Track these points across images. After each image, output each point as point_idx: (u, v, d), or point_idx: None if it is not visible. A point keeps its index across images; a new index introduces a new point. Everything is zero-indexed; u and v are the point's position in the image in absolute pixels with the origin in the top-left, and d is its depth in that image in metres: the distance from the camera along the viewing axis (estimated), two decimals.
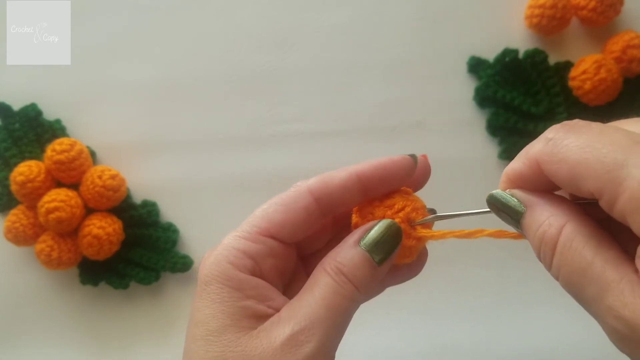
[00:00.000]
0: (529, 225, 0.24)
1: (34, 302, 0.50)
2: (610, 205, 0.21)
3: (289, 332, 0.25)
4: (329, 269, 0.27)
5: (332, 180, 0.28)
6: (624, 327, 0.21)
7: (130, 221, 0.49)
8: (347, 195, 0.28)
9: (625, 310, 0.20)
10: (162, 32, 0.51)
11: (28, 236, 0.47)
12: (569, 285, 0.22)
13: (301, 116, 0.50)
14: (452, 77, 0.50)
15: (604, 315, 0.21)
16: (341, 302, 0.26)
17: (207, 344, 0.25)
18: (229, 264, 0.26)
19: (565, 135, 0.23)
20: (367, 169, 0.28)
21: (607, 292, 0.21)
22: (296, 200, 0.28)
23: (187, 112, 0.50)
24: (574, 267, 0.22)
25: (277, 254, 0.28)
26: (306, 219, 0.28)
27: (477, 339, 0.49)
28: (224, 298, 0.26)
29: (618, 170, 0.21)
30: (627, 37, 0.47)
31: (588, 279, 0.22)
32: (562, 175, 0.23)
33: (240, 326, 0.26)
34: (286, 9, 0.51)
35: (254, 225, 0.28)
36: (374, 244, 0.27)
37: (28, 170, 0.46)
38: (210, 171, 0.50)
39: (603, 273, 0.21)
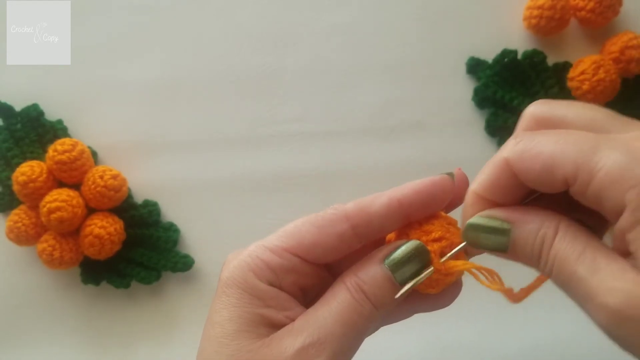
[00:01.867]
0: (523, 237, 0.25)
1: (36, 301, 0.51)
2: (584, 186, 0.23)
3: (300, 344, 0.25)
4: (349, 285, 0.26)
5: (371, 207, 0.27)
6: (618, 300, 0.21)
7: (132, 221, 0.49)
8: (387, 224, 0.27)
9: (617, 282, 0.21)
10: (162, 32, 0.51)
11: (30, 236, 0.48)
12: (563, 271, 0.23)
13: (301, 116, 0.50)
14: (452, 78, 0.50)
15: (595, 292, 0.22)
16: (357, 320, 0.26)
17: (220, 345, 0.26)
18: (250, 272, 0.27)
19: (533, 137, 0.24)
20: (408, 194, 0.27)
21: (598, 270, 0.22)
22: (332, 225, 0.27)
23: (187, 112, 0.51)
24: (569, 252, 0.23)
25: (301, 272, 0.28)
26: (338, 245, 0.27)
27: (477, 338, 0.49)
28: (244, 303, 0.26)
29: (593, 153, 0.22)
30: (625, 38, 0.47)
31: (581, 260, 0.23)
32: (535, 168, 0.24)
33: (256, 332, 0.26)
34: (286, 9, 0.51)
35: (282, 241, 0.27)
36: (399, 264, 0.26)
37: (30, 171, 0.47)
38: (211, 171, 0.50)
39: (594, 256, 0.23)
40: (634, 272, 0.22)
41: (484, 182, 0.26)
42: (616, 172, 0.22)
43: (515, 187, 0.25)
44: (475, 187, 0.26)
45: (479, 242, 0.26)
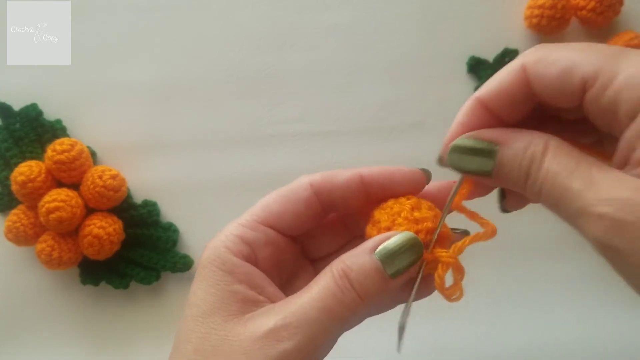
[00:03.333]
0: (510, 157, 0.24)
1: (35, 302, 0.50)
2: (602, 89, 0.22)
3: (272, 324, 0.25)
4: (334, 271, 0.25)
5: (335, 177, 0.28)
6: (615, 208, 0.21)
7: (131, 221, 0.49)
8: (349, 195, 0.28)
9: (613, 191, 0.21)
10: (162, 32, 0.51)
11: (29, 236, 0.47)
12: (556, 187, 0.23)
13: (301, 116, 0.50)
14: (452, 77, 0.50)
15: (590, 204, 0.21)
16: (337, 308, 0.25)
17: (195, 324, 0.26)
18: (224, 248, 0.27)
19: (553, 46, 0.24)
20: (372, 173, 0.28)
21: (594, 182, 0.22)
22: (296, 192, 0.28)
23: (187, 112, 0.50)
24: (562, 168, 0.23)
25: (275, 244, 0.28)
26: (305, 211, 0.28)
27: (476, 338, 0.49)
28: (216, 280, 0.26)
29: (615, 58, 0.22)
30: (626, 38, 0.47)
31: (575, 175, 0.22)
32: (553, 71, 0.23)
33: (229, 310, 0.26)
34: (286, 9, 0.51)
35: (254, 214, 0.28)
36: (390, 255, 0.25)
37: (29, 170, 0.46)
38: (211, 171, 0.50)
39: (589, 169, 0.22)
40: (631, 180, 0.21)
41: (492, 87, 0.25)
42: (638, 76, 0.21)
43: (523, 99, 0.24)
44: (480, 92, 0.25)
45: (463, 166, 0.25)
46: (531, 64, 0.24)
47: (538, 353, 0.48)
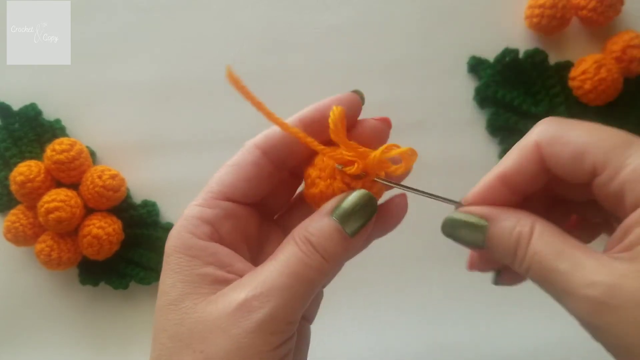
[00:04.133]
0: (498, 234, 0.26)
1: (34, 302, 0.50)
2: (610, 177, 0.24)
3: (243, 297, 0.25)
4: (297, 238, 0.26)
5: (276, 131, 0.28)
6: (599, 292, 0.22)
7: (130, 221, 0.49)
8: (294, 144, 0.28)
9: (598, 275, 0.22)
10: (162, 32, 0.51)
11: (28, 236, 0.47)
12: (543, 268, 0.24)
13: None
14: (452, 77, 0.50)
15: (577, 286, 0.23)
16: (305, 272, 0.25)
17: (168, 312, 0.26)
18: (187, 233, 0.27)
19: (564, 125, 0.25)
20: (308, 112, 0.28)
21: (579, 266, 0.23)
22: (244, 158, 0.28)
23: (187, 112, 0.50)
24: (549, 250, 0.24)
25: (235, 216, 0.28)
26: (258, 174, 0.28)
27: (475, 339, 0.49)
28: (183, 267, 0.26)
29: (625, 148, 0.23)
30: (627, 37, 0.47)
31: (562, 258, 0.23)
32: (566, 153, 0.24)
33: (200, 293, 0.26)
34: (286, 9, 0.50)
35: (209, 191, 0.28)
36: (347, 215, 0.26)
37: (28, 170, 0.46)
38: (210, 171, 0.49)
39: (574, 252, 0.24)
40: (616, 265, 0.22)
41: (511, 164, 0.26)
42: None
43: (539, 173, 0.26)
44: (501, 169, 0.26)
45: (457, 236, 0.27)
46: (545, 144, 0.25)
47: (538, 353, 0.48)
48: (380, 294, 0.49)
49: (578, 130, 0.25)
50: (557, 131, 0.25)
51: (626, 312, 0.22)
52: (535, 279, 0.25)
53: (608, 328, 0.22)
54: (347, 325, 0.48)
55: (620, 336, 0.22)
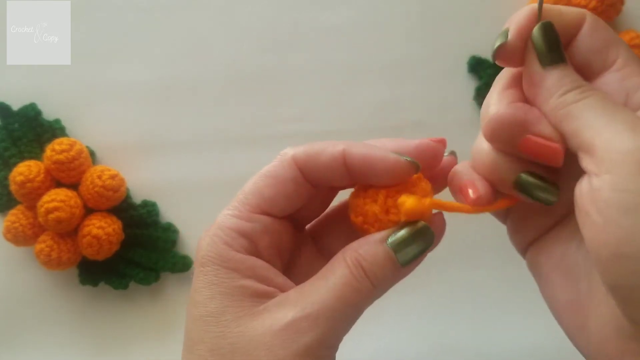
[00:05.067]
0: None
1: (33, 302, 0.50)
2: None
3: (291, 316, 0.24)
4: (348, 260, 0.25)
5: (319, 156, 0.26)
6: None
7: (130, 221, 0.49)
8: (333, 176, 0.27)
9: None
10: (162, 32, 0.51)
11: (27, 236, 0.47)
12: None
13: (301, 116, 0.50)
14: (452, 77, 0.50)
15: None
16: (353, 297, 0.25)
17: (207, 324, 0.25)
18: (224, 245, 0.26)
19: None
20: (355, 155, 0.26)
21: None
22: (284, 171, 0.27)
23: (187, 112, 0.50)
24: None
25: (272, 230, 0.27)
26: (296, 190, 0.27)
27: (475, 339, 0.49)
28: (221, 279, 0.25)
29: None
30: (627, 37, 0.47)
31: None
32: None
33: (241, 306, 0.25)
34: (286, 9, 0.50)
35: (246, 203, 0.27)
36: (402, 244, 0.25)
37: (27, 170, 0.46)
38: (210, 171, 0.50)
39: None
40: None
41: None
42: None
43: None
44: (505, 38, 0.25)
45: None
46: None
47: (538, 353, 0.48)
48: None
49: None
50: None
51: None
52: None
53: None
54: None
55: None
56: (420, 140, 0.28)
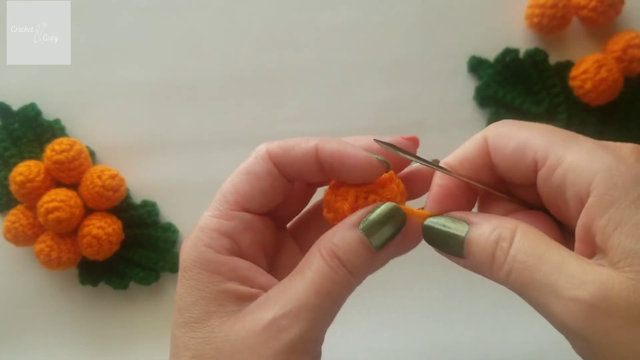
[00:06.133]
0: (478, 237, 0.24)
1: (34, 302, 0.50)
2: (551, 170, 0.23)
3: (271, 315, 0.24)
4: (323, 252, 0.25)
5: (293, 149, 0.26)
6: (589, 293, 0.20)
7: (130, 221, 0.49)
8: (306, 171, 0.27)
9: (587, 275, 0.21)
10: (162, 32, 0.51)
11: (27, 236, 0.47)
12: (526, 269, 0.22)
13: (300, 116, 0.50)
14: (453, 77, 0.50)
15: (562, 288, 0.21)
16: (332, 288, 0.24)
17: (191, 330, 0.25)
18: (205, 247, 0.26)
19: (511, 123, 0.26)
20: (326, 151, 0.26)
21: (566, 266, 0.21)
22: (260, 166, 0.27)
23: (187, 112, 0.50)
24: (532, 252, 0.23)
25: (254, 227, 0.27)
26: (272, 185, 0.27)
27: (475, 339, 0.49)
28: (204, 283, 0.25)
29: (564, 141, 0.23)
30: (627, 37, 0.47)
31: (547, 259, 0.22)
32: (509, 146, 0.25)
33: (224, 311, 0.25)
34: (286, 9, 0.50)
35: (224, 201, 0.27)
36: (374, 228, 0.25)
37: (27, 170, 0.46)
38: (210, 171, 0.50)
39: (560, 253, 0.22)
40: (603, 267, 0.21)
41: (457, 154, 0.26)
42: (585, 158, 0.22)
43: (485, 168, 0.26)
44: (448, 158, 0.26)
45: (437, 242, 0.26)
46: (491, 137, 0.25)
47: (539, 354, 0.48)
48: (379, 294, 0.49)
49: (523, 127, 0.25)
50: (504, 128, 0.25)
51: (621, 318, 0.20)
52: (517, 283, 0.23)
53: (600, 337, 0.20)
54: (346, 326, 0.48)
55: (615, 345, 0.20)
56: (392, 138, 0.28)
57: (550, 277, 0.22)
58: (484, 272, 0.25)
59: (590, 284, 0.21)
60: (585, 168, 0.22)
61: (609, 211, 0.21)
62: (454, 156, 0.26)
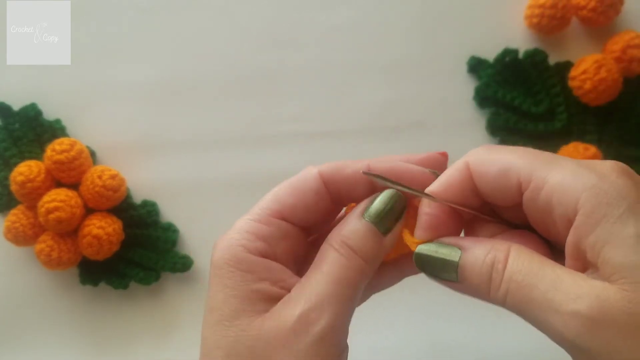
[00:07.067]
0: (473, 261, 0.25)
1: (34, 302, 0.50)
2: (536, 191, 0.24)
3: (299, 311, 0.25)
4: (334, 244, 0.26)
5: (344, 170, 0.28)
6: (586, 306, 0.21)
7: (130, 221, 0.49)
8: (356, 189, 0.28)
9: (582, 289, 0.21)
10: (162, 32, 0.51)
11: (28, 236, 0.47)
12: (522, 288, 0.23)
13: (301, 116, 0.50)
14: (452, 77, 0.50)
15: (559, 304, 0.22)
16: (350, 275, 0.26)
17: (222, 329, 0.25)
18: (240, 247, 0.26)
19: (493, 148, 0.26)
20: (379, 169, 0.28)
21: (561, 282, 0.22)
22: (306, 182, 0.28)
23: (187, 112, 0.50)
24: (527, 270, 0.23)
25: (289, 236, 0.28)
26: (317, 201, 0.28)
27: (475, 339, 0.49)
28: (236, 282, 0.26)
29: (548, 163, 0.24)
30: (627, 37, 0.47)
31: (542, 276, 0.23)
32: (492, 170, 0.25)
33: (255, 310, 0.25)
34: (286, 9, 0.50)
35: (266, 208, 0.27)
36: (378, 214, 0.27)
37: (28, 170, 0.46)
38: (210, 171, 0.50)
39: (554, 270, 0.23)
40: (597, 281, 0.22)
41: (441, 182, 0.26)
42: (569, 178, 0.23)
43: (470, 193, 0.26)
44: (432, 186, 0.27)
45: (430, 268, 0.26)
46: (473, 163, 0.26)
47: (538, 354, 0.48)
48: (379, 294, 0.49)
49: (504, 151, 0.25)
50: (485, 153, 0.26)
51: (619, 328, 0.20)
52: (515, 302, 0.23)
53: (601, 348, 0.21)
54: None
55: (615, 354, 0.20)
56: (427, 153, 0.29)
57: (547, 294, 0.22)
58: (480, 295, 0.25)
59: (586, 297, 0.21)
60: (570, 188, 0.23)
61: (597, 228, 0.22)
62: (439, 183, 0.27)
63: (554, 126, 0.48)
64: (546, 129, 0.48)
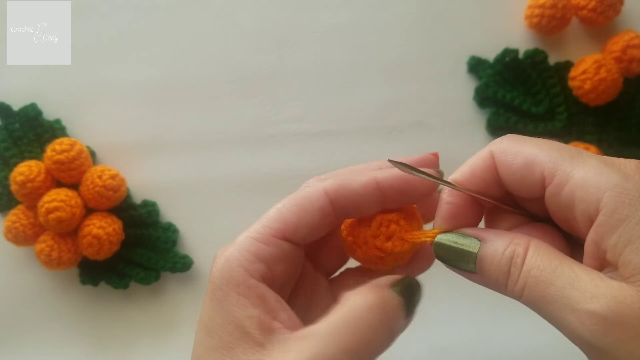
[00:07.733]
0: (493, 253, 0.25)
1: (34, 302, 0.50)
2: (560, 187, 0.23)
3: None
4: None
5: (350, 185, 0.27)
6: (602, 305, 0.21)
7: (130, 221, 0.49)
8: (365, 203, 0.27)
9: (599, 289, 0.21)
10: (162, 32, 0.51)
11: (28, 236, 0.47)
12: (540, 283, 0.23)
13: (301, 116, 0.50)
14: (452, 77, 0.50)
15: (577, 301, 0.22)
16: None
17: (222, 356, 0.25)
18: (240, 268, 0.25)
19: (518, 138, 0.26)
20: (388, 178, 0.27)
21: (579, 280, 0.22)
22: (311, 200, 0.27)
23: (187, 112, 0.50)
24: (546, 266, 0.23)
25: (289, 258, 0.27)
26: (321, 220, 0.27)
27: (475, 339, 0.49)
28: (232, 306, 0.25)
29: (572, 158, 0.24)
30: (627, 37, 0.47)
31: (559, 272, 0.23)
32: (516, 162, 0.25)
33: (249, 338, 0.25)
34: (286, 9, 0.50)
35: (268, 227, 0.26)
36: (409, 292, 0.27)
37: (28, 170, 0.46)
38: (210, 171, 0.50)
39: (572, 267, 0.23)
40: (614, 280, 0.22)
41: (464, 170, 0.26)
42: (592, 176, 0.23)
43: (493, 183, 0.26)
44: (455, 175, 0.26)
45: (448, 258, 0.26)
46: (498, 153, 0.25)
47: (539, 354, 0.48)
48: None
49: (530, 143, 0.25)
50: (511, 143, 0.25)
51: (634, 329, 0.21)
52: (532, 298, 0.24)
53: (615, 348, 0.21)
54: None
55: (629, 356, 0.21)
56: (421, 155, 0.29)
57: (564, 291, 0.22)
58: (498, 287, 0.25)
59: (603, 297, 0.21)
60: (593, 186, 0.22)
61: (619, 229, 0.22)
62: (461, 172, 0.26)
63: (554, 126, 0.48)
64: (546, 129, 0.48)
